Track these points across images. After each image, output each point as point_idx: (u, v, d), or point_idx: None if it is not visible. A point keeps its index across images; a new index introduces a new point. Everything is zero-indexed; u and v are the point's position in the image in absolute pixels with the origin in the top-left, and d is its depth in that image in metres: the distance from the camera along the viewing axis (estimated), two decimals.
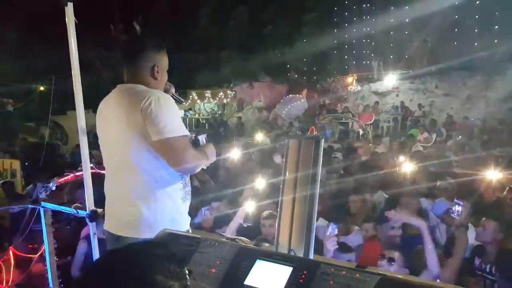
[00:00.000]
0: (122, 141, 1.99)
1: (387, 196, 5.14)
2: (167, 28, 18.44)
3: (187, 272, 1.00)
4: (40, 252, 3.30)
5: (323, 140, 1.75)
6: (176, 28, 18.72)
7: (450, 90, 17.42)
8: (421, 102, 17.07)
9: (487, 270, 3.06)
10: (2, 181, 5.78)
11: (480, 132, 12.48)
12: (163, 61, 2.11)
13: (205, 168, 2.16)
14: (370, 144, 10.60)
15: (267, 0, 19.95)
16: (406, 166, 6.05)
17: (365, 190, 5.16)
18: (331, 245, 2.91)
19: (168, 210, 2.02)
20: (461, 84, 17.12)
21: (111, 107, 2.07)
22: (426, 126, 13.98)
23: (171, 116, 1.93)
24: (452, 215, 3.25)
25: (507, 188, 4.87)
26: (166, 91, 2.17)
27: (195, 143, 2.18)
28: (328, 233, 3.03)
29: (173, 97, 2.16)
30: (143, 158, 1.96)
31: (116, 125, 2.00)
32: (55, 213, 3.28)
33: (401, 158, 7.03)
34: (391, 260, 2.86)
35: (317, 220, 3.98)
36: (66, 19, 2.49)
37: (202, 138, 2.28)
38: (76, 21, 2.54)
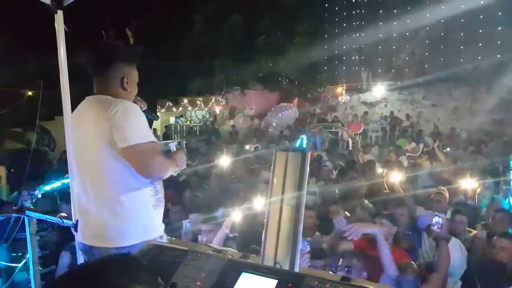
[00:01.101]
0: (89, 150, 2.02)
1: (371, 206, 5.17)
2: (160, 35, 18.48)
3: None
4: (24, 261, 3.24)
5: (309, 152, 1.77)
6: (169, 35, 18.77)
7: (437, 101, 17.72)
8: (409, 113, 17.30)
9: None
10: None
11: (466, 143, 12.66)
12: (133, 74, 2.12)
13: (175, 175, 2.18)
14: (360, 153, 10.66)
15: (260, 10, 20.14)
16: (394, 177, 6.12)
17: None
18: (304, 263, 2.86)
19: (138, 217, 2.01)
20: (447, 95, 17.42)
21: (79, 119, 2.11)
22: (413, 136, 14.15)
23: (138, 123, 1.96)
24: (432, 227, 3.26)
25: None
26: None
27: (167, 151, 2.20)
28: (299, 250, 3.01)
29: (145, 114, 2.12)
30: (111, 166, 1.97)
31: (85, 135, 2.04)
32: (40, 220, 3.24)
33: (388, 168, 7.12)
34: (348, 267, 2.90)
35: (313, 234, 4.02)
36: (56, 26, 2.49)
37: (172, 145, 2.29)
38: (66, 29, 2.54)
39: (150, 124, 2.17)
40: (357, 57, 20.45)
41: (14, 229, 3.26)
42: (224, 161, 6.52)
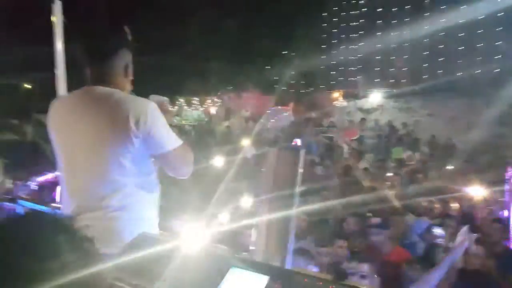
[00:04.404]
0: (97, 151, 1.84)
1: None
2: (156, 33, 18.47)
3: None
4: None
5: (303, 151, 1.77)
6: (165, 34, 18.77)
7: (433, 110, 17.77)
8: (406, 121, 17.34)
9: None
10: None
11: (462, 154, 12.67)
12: (131, 59, 2.00)
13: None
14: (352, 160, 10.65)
15: (257, 13, 20.25)
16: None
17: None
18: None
19: (142, 224, 1.91)
20: (444, 105, 17.47)
21: (79, 110, 1.89)
22: (409, 145, 14.18)
23: (167, 126, 1.90)
24: (437, 241, 3.28)
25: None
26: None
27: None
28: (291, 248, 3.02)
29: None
30: (125, 174, 1.86)
31: (92, 133, 1.85)
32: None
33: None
34: (362, 275, 2.90)
35: (305, 237, 4.01)
36: (53, 17, 2.47)
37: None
38: (65, 21, 2.52)
39: None
40: (354, 63, 20.57)
41: None
42: (217, 161, 6.50)
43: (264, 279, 1.39)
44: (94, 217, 1.86)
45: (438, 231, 3.26)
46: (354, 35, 20.08)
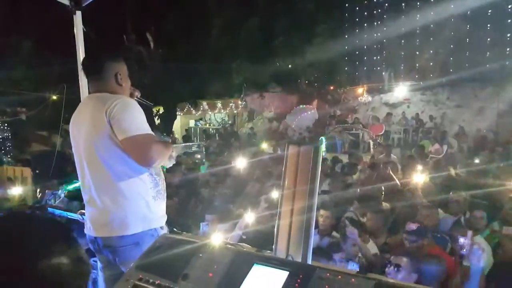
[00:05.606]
0: (89, 144, 2.11)
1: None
2: (179, 38, 18.73)
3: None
4: None
5: (322, 146, 1.76)
6: (187, 39, 19.00)
7: (461, 101, 17.27)
8: (433, 114, 16.92)
9: None
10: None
11: (492, 144, 12.27)
12: (123, 68, 2.25)
13: (170, 165, 2.35)
14: (382, 155, 10.48)
15: (278, 12, 20.16)
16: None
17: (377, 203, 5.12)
18: None
19: (137, 207, 2.11)
20: (472, 95, 16.95)
21: (80, 114, 2.22)
22: (437, 137, 13.83)
23: (136, 116, 2.06)
24: (461, 251, 3.16)
25: None
26: (131, 95, 2.33)
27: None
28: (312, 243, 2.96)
29: (139, 100, 2.32)
30: (110, 159, 2.07)
31: (84, 130, 2.13)
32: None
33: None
34: (397, 266, 2.81)
35: (330, 233, 3.97)
36: (74, 28, 2.56)
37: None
38: (85, 29, 2.61)
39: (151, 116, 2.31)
40: (378, 57, 20.18)
41: None
42: (241, 162, 6.55)
43: (285, 274, 1.40)
44: (91, 208, 2.17)
45: (462, 240, 3.14)
46: (377, 28, 19.68)
